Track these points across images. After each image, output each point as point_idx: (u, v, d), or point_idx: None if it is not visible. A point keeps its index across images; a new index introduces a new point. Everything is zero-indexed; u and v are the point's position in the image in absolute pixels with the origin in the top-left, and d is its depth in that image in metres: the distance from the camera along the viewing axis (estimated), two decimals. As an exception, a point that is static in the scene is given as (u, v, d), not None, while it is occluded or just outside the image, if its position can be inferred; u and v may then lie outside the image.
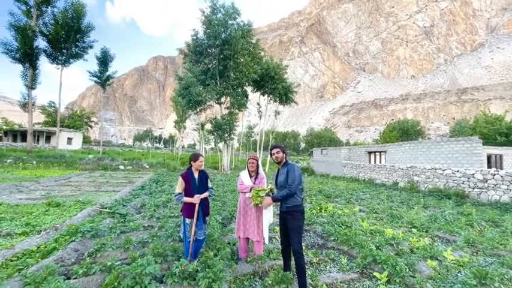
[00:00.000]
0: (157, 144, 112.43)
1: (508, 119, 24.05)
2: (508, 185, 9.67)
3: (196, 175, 3.42)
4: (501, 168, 16.72)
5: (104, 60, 25.49)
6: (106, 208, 5.84)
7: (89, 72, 25.77)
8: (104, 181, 11.87)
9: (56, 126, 28.25)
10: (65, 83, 26.19)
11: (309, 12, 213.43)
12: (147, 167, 19.52)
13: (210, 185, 3.57)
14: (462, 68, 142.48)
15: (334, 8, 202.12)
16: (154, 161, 21.27)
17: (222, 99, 21.46)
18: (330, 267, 3.65)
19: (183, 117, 39.69)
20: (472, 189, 10.66)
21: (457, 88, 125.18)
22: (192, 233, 3.17)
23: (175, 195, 3.29)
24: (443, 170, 11.95)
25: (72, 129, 40.10)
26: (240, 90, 21.16)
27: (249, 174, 3.68)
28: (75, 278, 2.80)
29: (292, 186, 2.96)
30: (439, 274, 3.53)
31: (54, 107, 37.71)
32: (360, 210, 7.76)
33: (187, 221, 3.27)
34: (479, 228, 6.21)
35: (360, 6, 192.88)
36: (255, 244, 3.62)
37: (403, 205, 8.84)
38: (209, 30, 19.78)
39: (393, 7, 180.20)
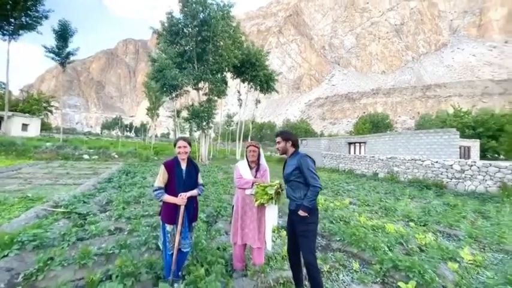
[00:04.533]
0: (128, 133, 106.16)
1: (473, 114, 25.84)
2: (483, 176, 9.96)
3: (183, 166, 2.57)
4: (469, 158, 17.70)
5: (63, 34, 22.20)
6: (61, 206, 4.73)
7: (45, 48, 22.39)
8: (63, 172, 10.34)
9: (3, 110, 24.62)
10: (21, 64, 22.89)
11: (287, 2, 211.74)
12: (116, 156, 17.80)
13: (200, 181, 2.73)
14: (427, 66, 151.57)
15: (311, 0, 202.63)
16: (125, 150, 19.47)
17: (200, 85, 20.05)
18: (344, 276, 3.06)
19: (156, 104, 37.31)
20: (449, 180, 10.89)
21: (422, 84, 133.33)
22: (176, 243, 2.36)
23: (154, 190, 2.44)
24: (423, 161, 12.13)
25: (28, 114, 35.81)
26: (219, 75, 19.89)
27: (249, 166, 2.92)
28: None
29: (317, 186, 2.36)
30: (463, 278, 3.11)
31: (2, 87, 32.99)
32: (351, 203, 7.40)
33: (168, 227, 2.43)
34: (471, 220, 6.10)
35: (336, 0, 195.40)
36: (254, 252, 2.91)
37: (390, 196, 8.68)
38: (186, 9, 18.13)
39: (367, 3, 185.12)
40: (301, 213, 2.35)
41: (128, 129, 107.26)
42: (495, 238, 4.58)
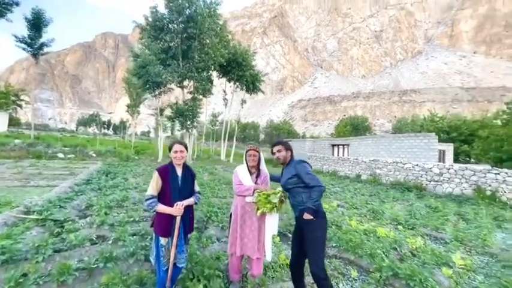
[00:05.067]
0: (106, 131, 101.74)
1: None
2: (460, 179, 10.45)
3: (179, 172, 2.35)
4: (444, 162, 18.63)
5: (37, 23, 20.50)
6: (33, 212, 4.29)
7: (15, 37, 20.61)
8: (34, 172, 9.56)
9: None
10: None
11: (272, 3, 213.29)
12: (94, 155, 16.83)
13: (197, 188, 2.53)
14: (404, 72, 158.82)
15: (296, 2, 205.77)
16: (103, 149, 18.45)
17: (185, 83, 19.50)
18: (344, 285, 2.98)
19: (137, 101, 35.86)
20: (429, 182, 11.33)
21: (399, 90, 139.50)
22: (171, 258, 2.15)
23: (146, 199, 2.20)
24: (404, 164, 12.55)
25: (-7, 108, 33.19)
26: (205, 74, 19.45)
27: (249, 171, 2.76)
28: None
29: (320, 185, 2.31)
30: (458, 284, 3.15)
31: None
32: (339, 205, 7.44)
33: (162, 241, 2.21)
34: (453, 223, 6.33)
35: (320, 4, 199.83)
36: (253, 262, 2.74)
37: (375, 198, 8.86)
38: (172, 4, 17.55)
39: (350, 9, 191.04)
40: (306, 216, 2.24)
41: (105, 126, 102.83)
42: (479, 241, 4.74)
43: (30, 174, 9.07)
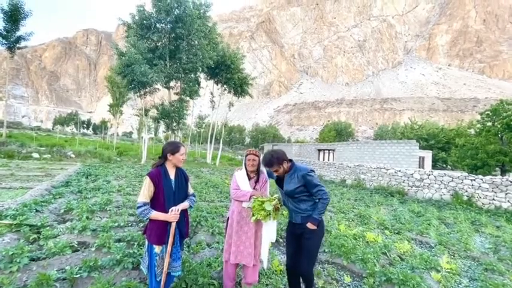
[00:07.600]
0: (85, 130, 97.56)
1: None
2: (439, 184, 10.90)
3: (172, 175, 2.23)
4: (423, 168, 19.41)
5: (14, 15, 19.27)
6: (6, 217, 3.96)
7: None
8: (6, 173, 8.92)
9: None
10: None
11: (260, 9, 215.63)
12: (73, 156, 16.00)
13: (191, 191, 2.42)
14: (385, 81, 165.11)
15: (283, 9, 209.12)
16: (83, 149, 17.62)
17: (172, 84, 19.13)
18: (338, 292, 2.96)
19: (120, 101, 34.65)
20: (410, 188, 11.74)
21: (380, 98, 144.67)
22: (165, 268, 2.02)
23: (138, 207, 2.04)
24: (387, 170, 12.93)
25: (-40, 103, 30.83)
26: (192, 75, 19.17)
27: (247, 176, 2.68)
28: None
29: (327, 198, 2.27)
30: (447, 289, 3.22)
31: None
32: (327, 210, 7.48)
33: (156, 249, 2.07)
34: (435, 227, 6.54)
35: (307, 12, 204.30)
36: (248, 269, 2.65)
37: (361, 203, 9.02)
38: (160, 3, 17.24)
39: (335, 18, 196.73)
40: (310, 225, 2.25)
41: (85, 126, 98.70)
42: (461, 245, 4.92)
43: (2, 175, 8.45)
